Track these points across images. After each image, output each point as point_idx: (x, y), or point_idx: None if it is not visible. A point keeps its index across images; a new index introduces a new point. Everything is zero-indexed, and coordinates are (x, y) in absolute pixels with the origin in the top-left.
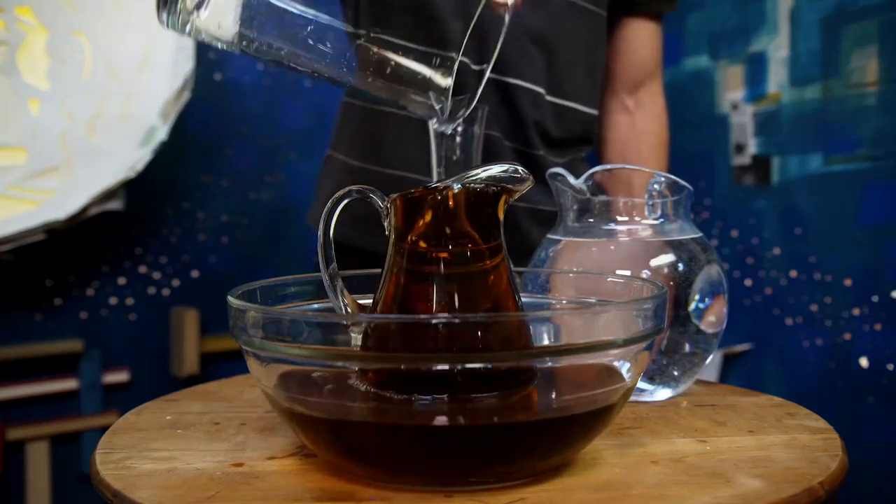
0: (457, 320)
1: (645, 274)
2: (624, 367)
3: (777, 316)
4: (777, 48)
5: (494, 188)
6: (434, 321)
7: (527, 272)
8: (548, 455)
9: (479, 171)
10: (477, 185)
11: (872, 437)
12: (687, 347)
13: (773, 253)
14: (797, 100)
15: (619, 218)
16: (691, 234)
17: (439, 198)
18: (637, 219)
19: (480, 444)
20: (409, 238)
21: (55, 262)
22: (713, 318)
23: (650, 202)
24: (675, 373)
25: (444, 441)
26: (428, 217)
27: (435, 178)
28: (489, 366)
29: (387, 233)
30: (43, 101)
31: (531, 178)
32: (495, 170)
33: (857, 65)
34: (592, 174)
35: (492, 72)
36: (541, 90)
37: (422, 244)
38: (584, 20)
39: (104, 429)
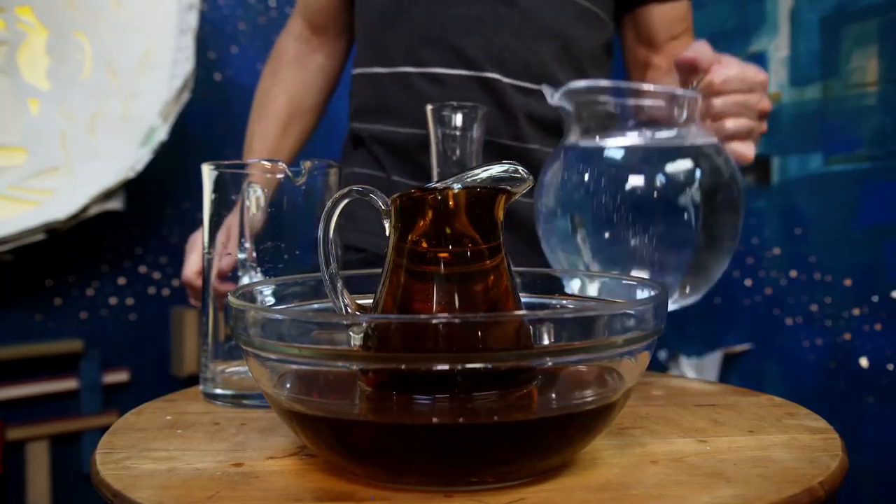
0: (457, 320)
1: (661, 180)
2: (624, 367)
3: (777, 316)
4: (777, 48)
5: (495, 188)
6: (434, 321)
7: (527, 272)
8: (548, 455)
9: (478, 170)
10: (477, 185)
11: (872, 437)
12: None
13: (773, 253)
14: (797, 100)
15: (633, 123)
16: (705, 139)
17: (439, 198)
18: (651, 126)
19: (481, 444)
20: (409, 238)
21: (55, 262)
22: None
23: (665, 107)
24: (687, 289)
25: (445, 441)
26: (428, 217)
27: (435, 178)
28: (489, 366)
29: (387, 233)
30: (43, 101)
31: (531, 177)
32: (495, 170)
33: (857, 65)
34: (565, 90)
35: (478, 70)
36: (528, 84)
37: (422, 244)
38: (558, 7)
39: (104, 429)
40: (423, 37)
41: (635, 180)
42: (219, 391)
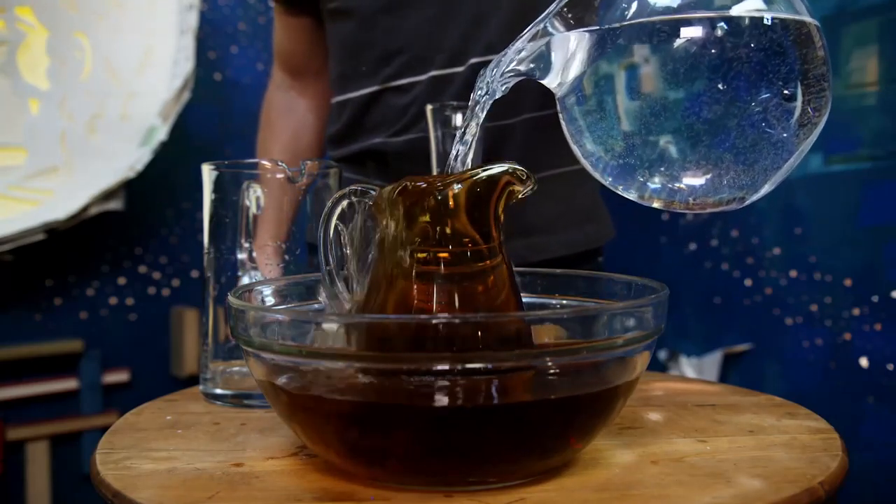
0: (457, 320)
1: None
2: (624, 367)
3: (777, 316)
4: None
5: (495, 187)
6: (434, 321)
7: (526, 272)
8: (548, 454)
9: (479, 171)
10: (478, 185)
11: (872, 437)
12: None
13: (773, 253)
14: None
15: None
16: None
17: (439, 197)
18: None
19: (480, 441)
20: (407, 237)
21: (55, 262)
22: None
23: None
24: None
25: (445, 439)
26: (427, 216)
27: None
28: (489, 366)
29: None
30: (43, 101)
31: (533, 177)
32: (495, 170)
33: (857, 65)
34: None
35: (443, 68)
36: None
37: (421, 244)
38: None
39: (104, 429)
40: (386, 52)
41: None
42: (219, 391)
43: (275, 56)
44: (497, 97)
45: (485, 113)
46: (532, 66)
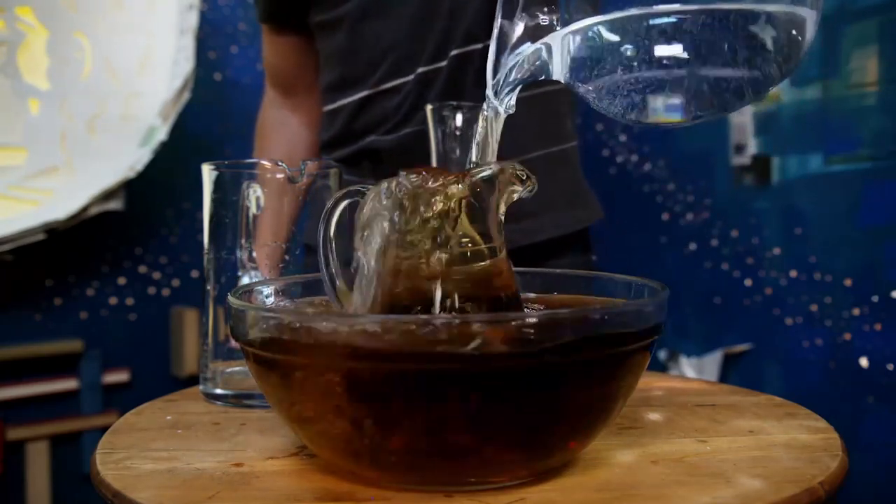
0: (456, 321)
1: None
2: (624, 367)
3: (777, 316)
4: None
5: (495, 187)
6: (434, 321)
7: (526, 272)
8: (547, 454)
9: (479, 170)
10: (478, 185)
11: (872, 437)
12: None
13: (773, 253)
14: (797, 100)
15: None
16: None
17: (439, 197)
18: None
19: (480, 441)
20: (407, 237)
21: (55, 262)
22: None
23: None
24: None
25: (445, 438)
26: (427, 216)
27: None
28: (489, 365)
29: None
30: (43, 101)
31: (534, 177)
32: (496, 169)
33: (857, 65)
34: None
35: (431, 64)
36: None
37: (421, 244)
38: None
39: (104, 429)
40: (375, 57)
41: None
42: (219, 391)
43: (266, 74)
44: (511, 112)
45: (499, 130)
46: (527, 74)
